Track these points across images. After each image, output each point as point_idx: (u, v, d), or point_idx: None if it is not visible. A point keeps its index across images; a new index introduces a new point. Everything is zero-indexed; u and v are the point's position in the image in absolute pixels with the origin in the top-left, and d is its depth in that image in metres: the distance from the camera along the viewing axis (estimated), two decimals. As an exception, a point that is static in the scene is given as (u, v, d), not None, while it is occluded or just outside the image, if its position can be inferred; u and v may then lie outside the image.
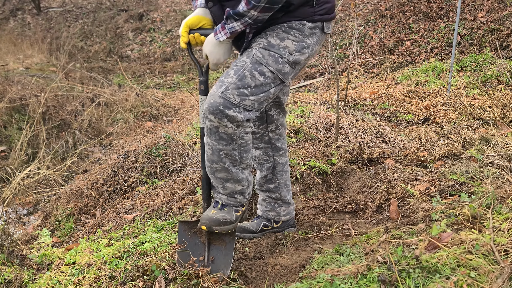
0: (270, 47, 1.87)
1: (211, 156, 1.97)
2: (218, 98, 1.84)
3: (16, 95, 6.02)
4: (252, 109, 1.89)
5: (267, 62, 1.86)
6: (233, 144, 1.92)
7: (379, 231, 2.30)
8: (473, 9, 6.64)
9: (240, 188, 2.03)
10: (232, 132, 1.89)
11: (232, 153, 1.94)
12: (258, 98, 1.88)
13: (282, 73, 1.89)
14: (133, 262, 2.18)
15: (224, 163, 1.96)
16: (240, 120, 1.87)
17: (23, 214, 4.11)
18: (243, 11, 1.76)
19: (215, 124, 1.88)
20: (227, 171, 1.98)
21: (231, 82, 1.85)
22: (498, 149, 3.12)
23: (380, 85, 5.42)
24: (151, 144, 3.82)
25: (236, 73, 1.86)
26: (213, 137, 1.92)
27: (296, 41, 1.88)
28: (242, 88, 1.85)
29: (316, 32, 1.92)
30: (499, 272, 1.75)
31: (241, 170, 2.02)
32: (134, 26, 10.76)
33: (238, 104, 1.85)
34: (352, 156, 3.17)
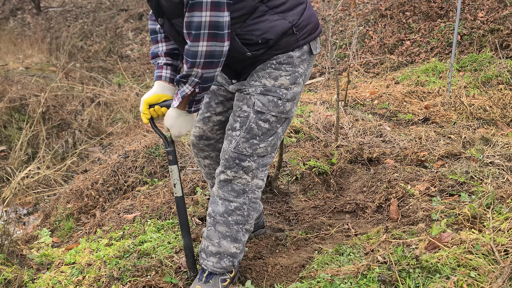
0: (267, 92, 1.86)
1: (217, 207, 1.94)
2: (232, 154, 1.88)
3: (16, 95, 6.02)
4: (266, 153, 1.91)
5: (268, 109, 1.86)
6: (244, 197, 1.92)
7: (379, 231, 2.30)
8: (473, 9, 6.64)
9: (233, 251, 1.96)
10: (245, 183, 1.90)
11: (241, 207, 1.92)
12: (269, 143, 1.90)
13: (285, 113, 1.90)
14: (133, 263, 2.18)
15: (229, 215, 1.93)
16: (254, 168, 1.90)
17: (23, 214, 4.11)
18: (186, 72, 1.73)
19: (230, 178, 1.90)
20: (228, 227, 1.94)
21: (241, 136, 1.88)
22: (498, 149, 3.12)
23: (380, 85, 5.42)
24: (151, 144, 3.82)
25: (242, 126, 1.88)
26: (225, 189, 1.92)
27: (289, 75, 1.87)
28: (251, 139, 1.88)
29: (305, 58, 1.91)
30: (499, 272, 1.75)
31: (243, 232, 1.97)
32: (134, 25, 10.76)
33: (251, 155, 1.88)
34: (352, 156, 3.17)
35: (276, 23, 1.78)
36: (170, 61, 1.98)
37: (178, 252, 2.28)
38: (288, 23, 1.79)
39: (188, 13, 1.61)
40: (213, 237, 1.96)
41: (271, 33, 1.77)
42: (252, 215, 1.97)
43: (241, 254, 2.00)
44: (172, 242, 2.39)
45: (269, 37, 1.77)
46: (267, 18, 1.77)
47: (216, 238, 1.95)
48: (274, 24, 1.78)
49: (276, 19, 1.78)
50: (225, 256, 1.96)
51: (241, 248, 1.99)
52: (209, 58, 1.69)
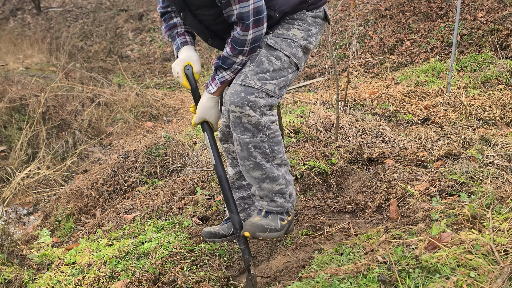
0: (280, 35, 1.87)
1: (241, 152, 1.88)
2: (238, 87, 1.81)
3: (16, 95, 6.02)
4: (274, 94, 1.85)
5: (281, 46, 1.85)
6: (261, 135, 1.84)
7: (379, 231, 2.30)
8: (473, 9, 6.64)
9: (278, 188, 1.91)
10: (257, 121, 1.81)
11: (261, 145, 1.85)
12: (279, 83, 1.85)
13: (296, 58, 1.88)
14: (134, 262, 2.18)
15: (255, 157, 1.86)
16: (262, 105, 1.81)
17: (23, 214, 4.11)
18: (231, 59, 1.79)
19: (237, 115, 1.81)
20: (260, 168, 1.87)
21: (249, 69, 1.83)
22: (497, 149, 3.12)
23: (380, 85, 5.42)
24: (151, 144, 3.82)
25: (253, 60, 1.84)
26: (238, 130, 1.85)
27: (302, 30, 1.89)
28: (261, 73, 1.82)
29: (318, 21, 1.94)
30: (499, 272, 1.75)
31: (276, 167, 1.90)
32: (134, 26, 10.76)
33: (259, 89, 1.81)
34: (352, 156, 3.17)
35: None
36: (189, 29, 2.05)
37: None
38: None
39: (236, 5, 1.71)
40: (253, 182, 1.93)
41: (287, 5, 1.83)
42: (277, 149, 1.89)
43: (287, 187, 1.94)
44: (172, 242, 2.39)
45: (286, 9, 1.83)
46: None
47: (255, 183, 1.92)
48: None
49: None
50: (273, 195, 1.92)
51: (284, 182, 1.92)
52: (253, 44, 1.78)
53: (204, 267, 2.16)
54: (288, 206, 1.97)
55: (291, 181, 1.98)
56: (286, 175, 1.95)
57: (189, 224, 2.62)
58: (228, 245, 2.34)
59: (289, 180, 1.96)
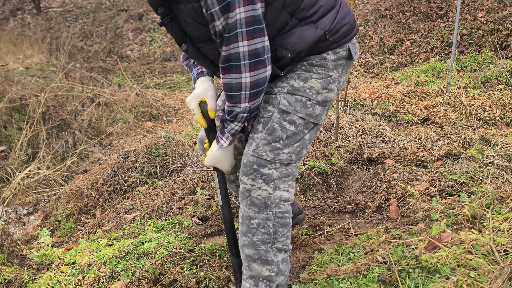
0: (295, 91, 1.68)
1: (241, 226, 1.75)
2: (250, 157, 1.68)
3: (16, 95, 6.02)
4: (291, 161, 1.70)
5: (295, 109, 1.67)
6: (267, 212, 1.69)
7: (379, 231, 2.30)
8: (473, 9, 6.64)
9: (266, 274, 1.73)
10: (266, 196, 1.67)
11: (265, 224, 1.69)
12: (294, 149, 1.69)
13: (313, 117, 1.70)
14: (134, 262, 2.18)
15: (253, 235, 1.71)
16: (276, 177, 1.67)
17: (23, 214, 4.11)
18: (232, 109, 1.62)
19: (248, 187, 1.69)
20: (254, 247, 1.72)
21: (261, 137, 1.68)
22: (497, 149, 3.12)
23: (380, 85, 5.42)
24: (151, 144, 3.82)
25: (265, 126, 1.68)
26: (244, 202, 1.71)
27: (321, 78, 1.68)
28: (273, 142, 1.67)
29: (341, 63, 1.72)
30: (499, 272, 1.75)
31: (274, 251, 1.73)
32: (134, 26, 10.76)
33: (272, 160, 1.66)
34: (352, 156, 3.17)
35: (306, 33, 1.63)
36: None
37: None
38: (320, 31, 1.64)
39: (225, 47, 1.52)
40: (244, 260, 1.78)
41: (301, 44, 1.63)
42: (282, 231, 1.73)
43: (278, 276, 1.77)
44: (172, 242, 2.39)
45: (300, 48, 1.63)
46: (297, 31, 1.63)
47: (246, 261, 1.77)
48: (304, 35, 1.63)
49: (306, 29, 1.63)
50: (260, 280, 1.76)
51: (275, 270, 1.75)
52: (254, 88, 1.58)
53: (204, 267, 2.16)
54: None
55: (285, 272, 1.79)
56: (281, 264, 1.77)
57: (189, 224, 2.62)
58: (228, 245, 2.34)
59: (283, 270, 1.78)
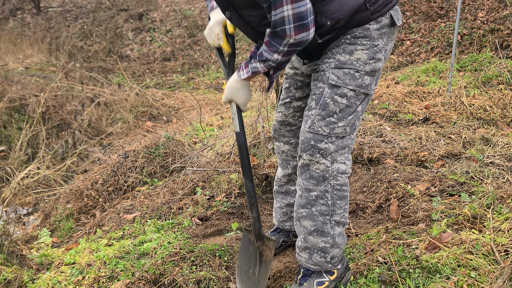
0: (342, 65, 1.71)
1: (299, 199, 1.79)
2: (307, 134, 1.74)
3: (16, 95, 6.01)
4: (345, 134, 1.74)
5: (345, 82, 1.71)
6: (325, 185, 1.74)
7: (379, 231, 2.29)
8: (473, 9, 6.63)
9: (322, 246, 1.78)
10: (324, 169, 1.73)
11: (323, 195, 1.75)
12: (348, 122, 1.73)
13: (364, 87, 1.73)
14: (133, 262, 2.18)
15: (312, 206, 1.76)
16: (333, 150, 1.72)
17: (23, 214, 4.10)
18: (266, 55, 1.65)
19: (306, 162, 1.75)
20: (312, 219, 1.77)
21: (315, 114, 1.73)
22: (498, 149, 3.11)
23: (380, 85, 5.41)
24: (151, 144, 3.82)
25: (317, 103, 1.74)
26: (303, 175, 1.77)
27: (367, 49, 1.71)
28: (327, 117, 1.72)
29: (385, 32, 1.74)
30: (499, 272, 1.75)
31: (331, 224, 1.78)
32: (134, 25, 10.75)
33: (328, 135, 1.72)
34: (352, 156, 3.17)
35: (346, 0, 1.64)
36: None
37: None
38: None
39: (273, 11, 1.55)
40: (300, 232, 1.82)
41: (341, 12, 1.63)
42: (340, 204, 1.78)
43: (333, 249, 1.80)
44: (172, 242, 2.38)
45: (340, 16, 1.63)
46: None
47: (302, 233, 1.81)
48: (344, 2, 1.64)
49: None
50: (315, 252, 1.80)
51: (331, 242, 1.79)
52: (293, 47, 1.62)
53: (204, 267, 2.16)
54: (327, 267, 1.83)
55: (341, 245, 1.83)
56: (337, 237, 1.81)
57: (189, 224, 2.62)
58: (228, 246, 2.34)
59: (338, 243, 1.82)
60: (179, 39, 9.78)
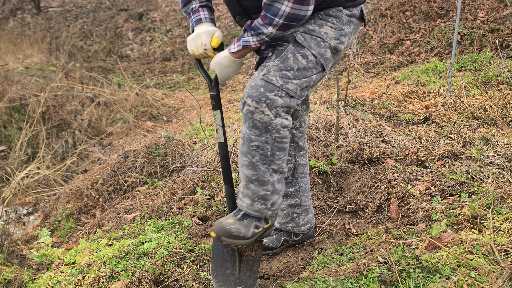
0: (310, 31, 1.75)
1: (241, 146, 1.81)
2: (259, 81, 1.73)
3: (16, 95, 6.01)
4: (294, 95, 1.75)
5: (309, 45, 1.74)
6: (267, 136, 1.75)
7: (379, 231, 2.29)
8: (473, 8, 6.63)
9: (263, 193, 1.81)
10: (268, 121, 1.72)
11: (264, 146, 1.76)
12: (301, 83, 1.75)
13: (324, 58, 1.77)
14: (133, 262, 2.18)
15: (253, 156, 1.77)
16: (279, 105, 1.72)
17: (23, 214, 4.11)
18: (260, 27, 1.66)
19: (251, 109, 1.72)
20: (253, 168, 1.79)
21: (273, 64, 1.74)
22: (498, 149, 3.11)
23: (380, 84, 5.41)
24: (151, 144, 3.82)
25: (278, 55, 1.75)
26: (247, 123, 1.77)
27: (335, 28, 1.77)
28: (284, 70, 1.73)
29: (353, 21, 1.82)
30: (499, 272, 1.75)
31: (270, 172, 1.81)
32: (134, 25, 10.75)
33: (280, 87, 1.71)
34: (352, 156, 3.17)
35: None
36: (204, 2, 1.92)
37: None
38: None
39: None
40: (242, 178, 1.84)
41: None
42: (279, 155, 1.80)
43: (273, 195, 1.84)
44: (172, 242, 2.38)
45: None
46: None
47: (244, 180, 1.83)
48: None
49: None
50: (256, 199, 1.83)
51: (271, 189, 1.83)
52: (289, 21, 1.63)
53: (204, 267, 2.16)
54: (267, 214, 1.87)
55: (280, 191, 1.87)
56: (277, 184, 1.85)
57: (189, 224, 2.62)
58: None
59: (278, 189, 1.86)
60: (179, 39, 9.78)
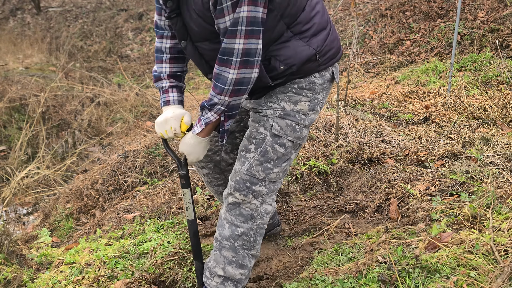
0: (286, 116, 1.81)
1: (224, 230, 1.89)
2: (243, 175, 1.83)
3: (16, 95, 6.01)
4: (278, 179, 1.87)
5: (286, 133, 1.82)
6: (251, 223, 1.86)
7: (379, 230, 2.29)
8: (473, 8, 6.63)
9: (238, 277, 1.90)
10: (254, 209, 1.85)
11: (248, 233, 1.87)
12: (282, 168, 1.86)
13: (301, 139, 1.86)
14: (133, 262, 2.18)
15: (235, 240, 1.87)
16: (265, 193, 1.85)
17: (22, 213, 4.10)
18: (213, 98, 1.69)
19: (238, 201, 1.84)
20: (235, 252, 1.88)
21: (255, 158, 1.82)
22: (498, 148, 3.11)
23: (380, 84, 5.41)
24: (150, 144, 3.82)
25: (257, 148, 1.83)
26: (232, 212, 1.86)
27: (309, 101, 1.83)
28: (265, 163, 1.82)
29: (326, 86, 1.87)
30: (499, 271, 1.75)
31: (249, 258, 1.91)
32: (134, 25, 10.76)
33: (263, 179, 1.83)
34: (352, 156, 3.17)
35: (300, 49, 1.74)
36: (174, 83, 1.93)
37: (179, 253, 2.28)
38: (312, 50, 1.75)
39: (226, 39, 1.60)
40: (219, 261, 1.90)
41: (294, 59, 1.73)
42: (259, 240, 1.92)
43: (246, 280, 1.94)
44: (172, 242, 2.38)
45: (293, 63, 1.73)
46: (291, 44, 1.73)
47: (222, 263, 1.90)
48: (298, 51, 1.73)
49: (300, 45, 1.74)
50: (229, 280, 1.91)
51: (247, 274, 1.93)
52: (237, 85, 1.66)
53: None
54: None
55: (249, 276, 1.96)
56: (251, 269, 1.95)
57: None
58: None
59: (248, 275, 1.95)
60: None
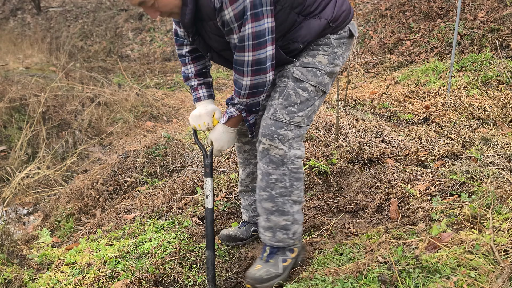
0: (305, 64, 1.91)
1: (260, 182, 1.95)
2: (268, 120, 1.90)
3: (16, 95, 6.01)
4: (303, 124, 1.92)
5: (307, 77, 1.90)
6: (284, 169, 1.90)
7: (379, 231, 2.30)
8: (473, 9, 6.64)
9: (283, 224, 1.94)
10: (283, 154, 1.89)
11: (282, 178, 1.91)
12: (306, 113, 1.92)
13: (323, 85, 1.93)
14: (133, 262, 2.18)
15: (272, 189, 1.92)
16: (291, 138, 1.89)
17: (23, 214, 4.11)
18: (233, 99, 1.88)
19: (266, 147, 1.90)
20: (273, 200, 1.93)
21: (278, 103, 1.90)
22: (498, 149, 3.12)
23: (380, 84, 5.42)
24: (151, 144, 3.82)
25: (281, 93, 1.91)
26: (263, 160, 1.92)
27: (327, 55, 1.92)
28: (289, 106, 1.89)
29: (343, 41, 1.96)
30: (499, 272, 1.75)
31: (290, 203, 1.95)
32: (134, 25, 10.76)
33: (288, 123, 1.89)
34: (352, 156, 3.17)
35: (313, 25, 1.87)
36: (201, 80, 2.12)
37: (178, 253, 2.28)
38: (324, 21, 1.88)
39: (237, 53, 1.77)
40: (262, 213, 1.97)
41: (310, 35, 1.87)
42: (296, 185, 1.94)
43: (293, 225, 1.97)
44: (172, 242, 2.39)
45: (309, 39, 1.87)
46: (305, 25, 1.86)
47: (264, 214, 1.96)
48: (311, 27, 1.86)
49: (312, 22, 1.87)
50: (277, 230, 1.95)
51: (292, 219, 1.96)
52: (253, 89, 1.82)
53: (204, 266, 2.16)
54: (289, 243, 2.00)
55: (300, 221, 2.01)
56: (296, 214, 1.98)
57: (189, 224, 2.62)
58: (228, 246, 2.34)
59: (297, 219, 1.99)
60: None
